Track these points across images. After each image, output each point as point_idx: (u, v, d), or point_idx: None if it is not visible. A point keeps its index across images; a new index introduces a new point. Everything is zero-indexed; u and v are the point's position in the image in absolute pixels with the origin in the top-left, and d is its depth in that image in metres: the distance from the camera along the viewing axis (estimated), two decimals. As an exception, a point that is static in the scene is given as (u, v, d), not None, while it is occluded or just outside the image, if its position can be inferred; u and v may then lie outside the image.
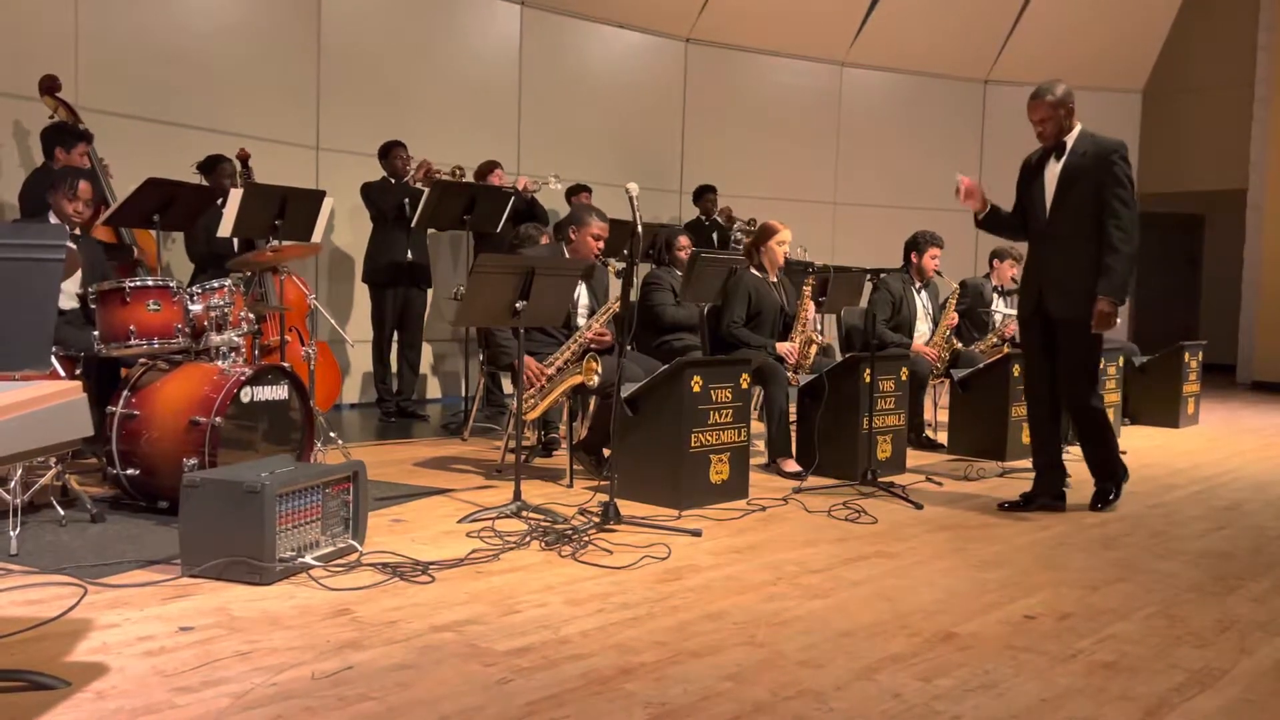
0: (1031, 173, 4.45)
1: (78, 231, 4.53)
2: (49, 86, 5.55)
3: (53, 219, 4.48)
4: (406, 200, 6.50)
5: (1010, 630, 2.84)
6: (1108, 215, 4.20)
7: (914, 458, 5.59)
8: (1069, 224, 4.28)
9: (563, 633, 2.72)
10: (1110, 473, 4.49)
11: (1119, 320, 4.24)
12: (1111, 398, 6.74)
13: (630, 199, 3.95)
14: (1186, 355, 7.42)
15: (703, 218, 8.67)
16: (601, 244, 4.93)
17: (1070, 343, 4.32)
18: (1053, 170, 4.33)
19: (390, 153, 6.72)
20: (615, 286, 5.49)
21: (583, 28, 8.92)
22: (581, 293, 5.04)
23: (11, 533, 3.29)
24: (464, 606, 2.91)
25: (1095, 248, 4.21)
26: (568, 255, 4.91)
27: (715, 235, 8.58)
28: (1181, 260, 13.49)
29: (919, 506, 4.43)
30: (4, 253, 2.08)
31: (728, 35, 9.73)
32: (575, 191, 7.81)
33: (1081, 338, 4.27)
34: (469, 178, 7.00)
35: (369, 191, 6.62)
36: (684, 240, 6.09)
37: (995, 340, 6.56)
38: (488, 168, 7.22)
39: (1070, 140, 4.31)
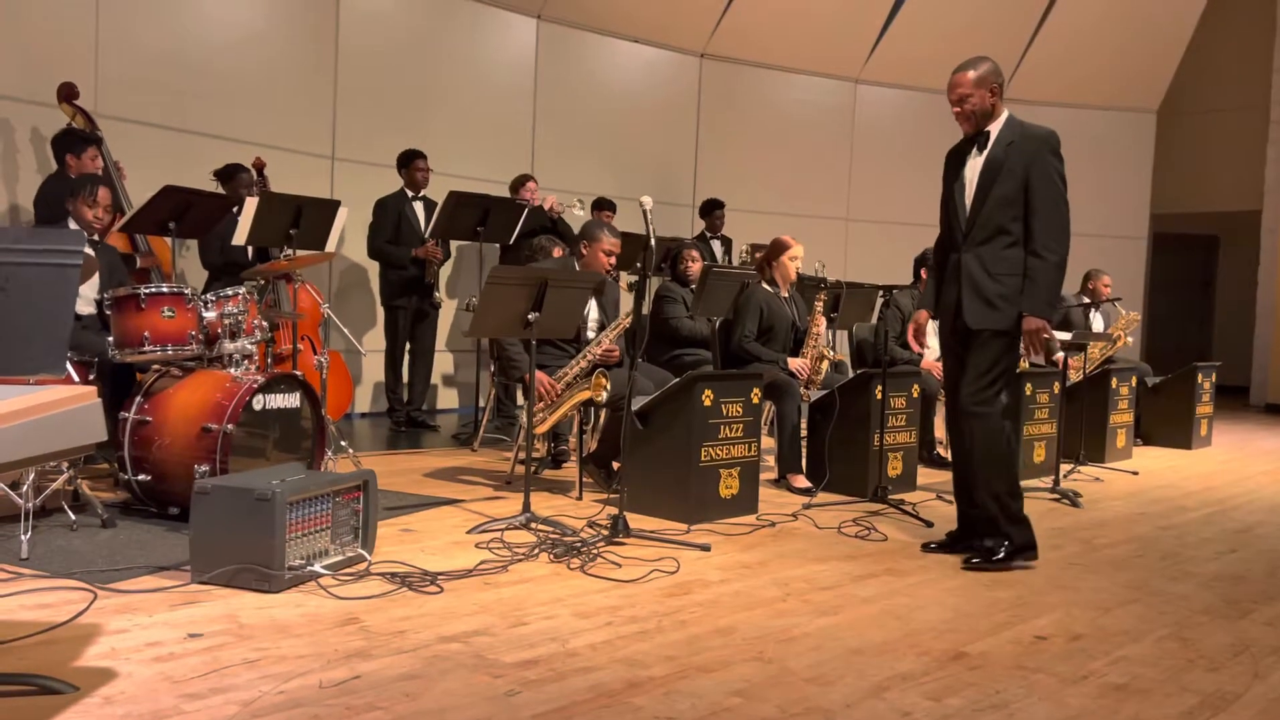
0: (952, 167, 3.89)
1: (96, 237, 4.56)
2: (67, 94, 5.60)
3: (71, 225, 4.52)
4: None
5: (1021, 650, 2.82)
6: (1034, 217, 3.60)
7: (924, 475, 5.57)
8: (989, 227, 3.66)
9: (571, 645, 2.71)
10: (997, 528, 3.69)
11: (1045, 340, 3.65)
12: (1124, 418, 6.71)
13: (644, 212, 3.96)
14: (1200, 376, 7.38)
15: (707, 233, 8.68)
16: (613, 260, 4.94)
17: (980, 347, 3.67)
18: (974, 164, 3.74)
19: (410, 163, 6.76)
20: (626, 301, 5.50)
21: (598, 42, 8.96)
22: (591, 307, 5.05)
23: (23, 536, 3.30)
24: (472, 617, 2.91)
25: (1020, 253, 3.63)
26: (578, 269, 4.92)
27: (723, 254, 8.58)
28: (1196, 281, 13.45)
29: (929, 524, 4.40)
30: (23, 258, 2.09)
31: (742, 51, 9.76)
32: (599, 207, 7.85)
33: (993, 343, 3.65)
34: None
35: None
36: (693, 253, 6.11)
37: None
38: (520, 181, 7.26)
39: (994, 129, 3.69)
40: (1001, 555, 3.69)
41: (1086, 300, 7.26)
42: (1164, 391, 7.46)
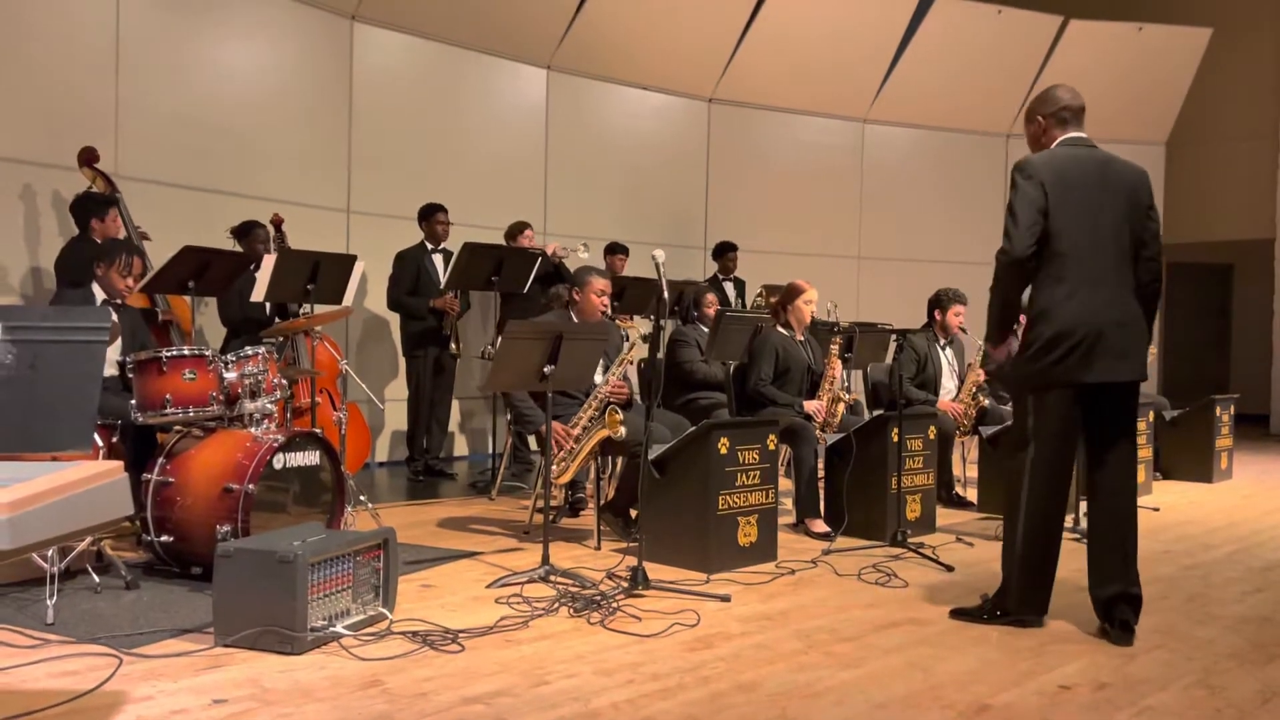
0: None
1: (119, 301, 4.62)
2: (88, 158, 5.70)
3: (96, 291, 4.58)
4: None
5: (1046, 702, 2.80)
6: None
7: (944, 516, 5.55)
8: None
9: (593, 705, 2.71)
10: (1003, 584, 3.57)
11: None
12: (1143, 453, 6.67)
13: (656, 265, 4.00)
14: (1218, 409, 7.34)
15: (719, 275, 8.72)
16: (605, 299, 4.97)
17: None
18: None
19: (431, 216, 6.86)
20: (631, 335, 5.52)
21: (607, 90, 9.08)
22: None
23: (49, 601, 3.33)
24: (494, 677, 2.91)
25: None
26: (574, 317, 4.94)
27: (735, 295, 8.61)
28: (1212, 310, 13.40)
29: (950, 569, 4.38)
30: (51, 335, 2.14)
31: (750, 95, 9.86)
32: (612, 251, 7.91)
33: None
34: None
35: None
36: (712, 298, 6.16)
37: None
38: (518, 228, 7.33)
39: None
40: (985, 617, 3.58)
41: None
42: (1182, 425, 7.42)
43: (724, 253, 8.76)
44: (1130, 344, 3.43)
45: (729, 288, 8.63)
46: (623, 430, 4.41)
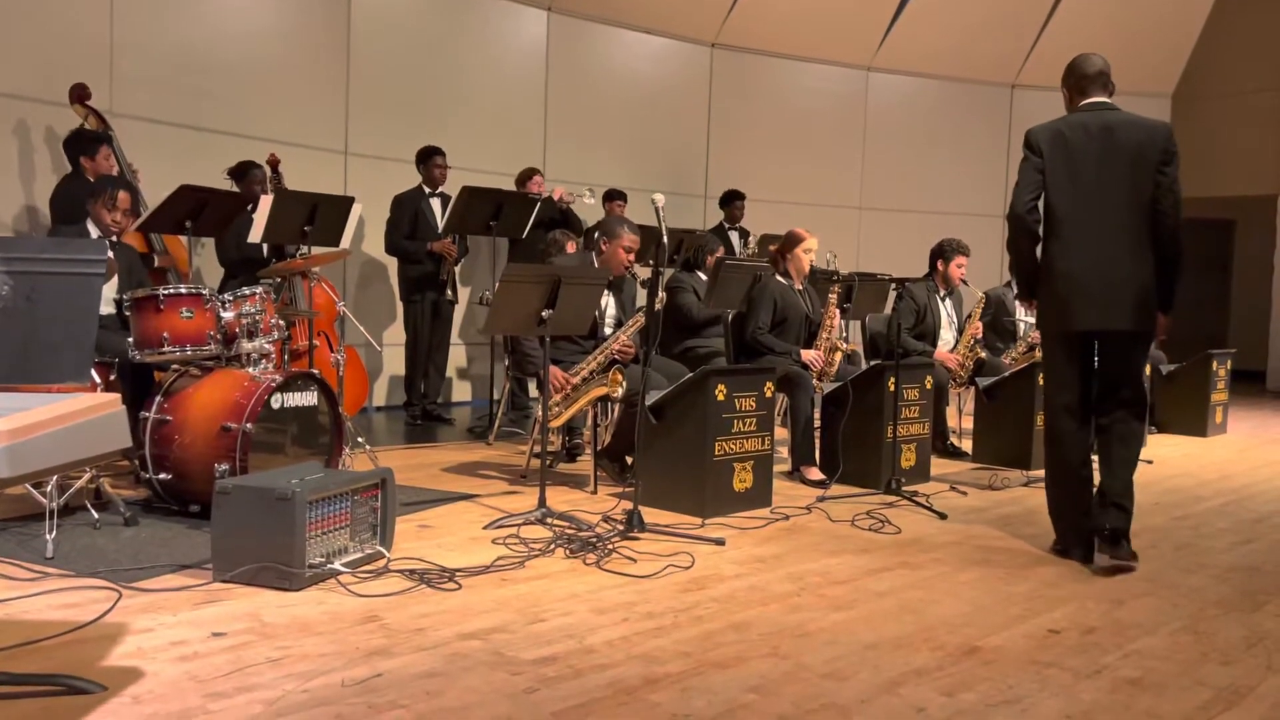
0: None
1: (114, 238, 4.60)
2: (79, 95, 5.64)
3: (91, 228, 4.56)
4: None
5: (1035, 645, 2.84)
6: None
7: (938, 466, 5.58)
8: None
9: (588, 642, 2.74)
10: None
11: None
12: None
13: (656, 210, 3.98)
14: (1215, 364, 7.35)
15: (725, 224, 8.68)
16: (632, 256, 4.96)
17: None
18: None
19: (429, 159, 6.79)
20: (643, 297, 5.52)
21: (608, 33, 8.96)
22: (609, 303, 5.07)
23: (48, 536, 3.36)
24: (490, 614, 2.94)
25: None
26: (596, 265, 4.93)
27: (741, 245, 8.57)
28: (1212, 266, 13.37)
29: (943, 516, 4.42)
30: (47, 268, 2.13)
31: (753, 40, 9.74)
32: (610, 198, 7.85)
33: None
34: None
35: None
36: (720, 249, 6.13)
37: (1025, 348, 6.52)
38: (527, 174, 7.28)
39: None
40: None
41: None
42: (1178, 379, 7.44)
43: (731, 201, 8.70)
44: (1124, 296, 3.62)
45: (734, 237, 8.59)
46: (621, 391, 4.41)
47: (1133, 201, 3.63)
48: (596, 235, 5.11)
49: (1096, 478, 3.74)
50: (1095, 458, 3.76)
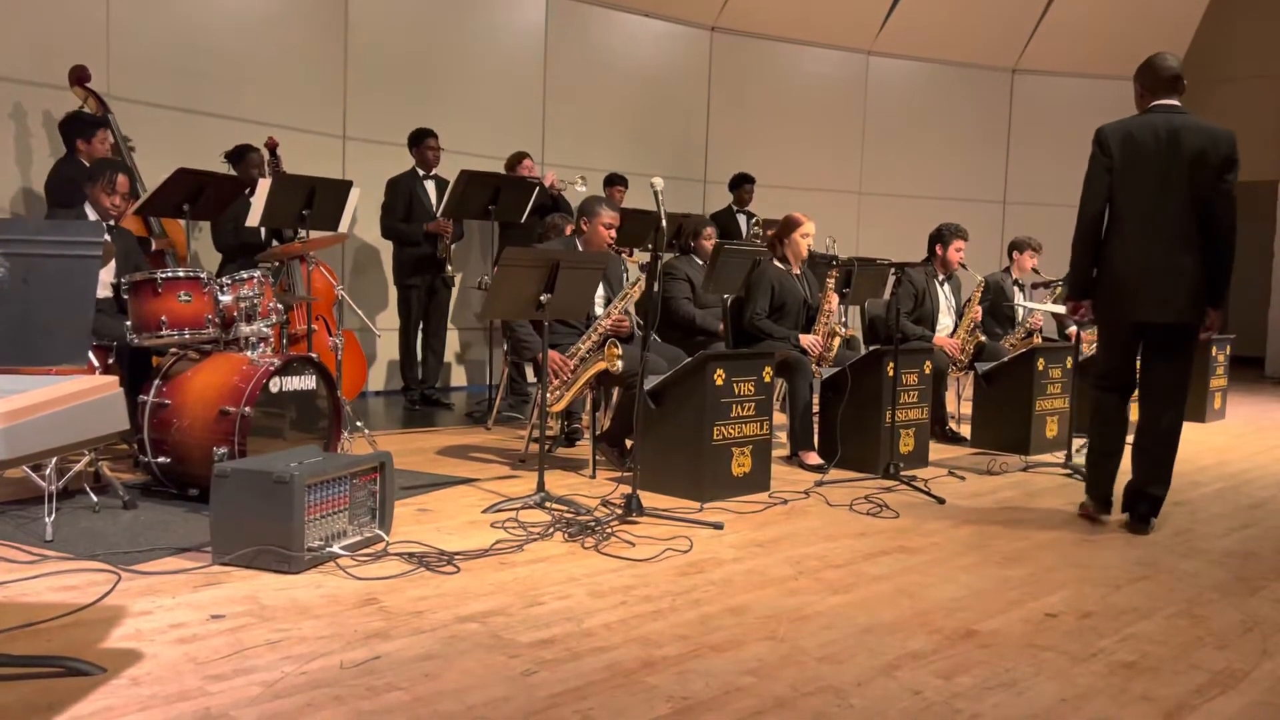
0: None
1: (112, 222, 4.59)
2: (79, 77, 5.61)
3: (89, 211, 4.55)
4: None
5: (1031, 628, 2.85)
6: None
7: (937, 451, 5.59)
8: None
9: (586, 625, 2.75)
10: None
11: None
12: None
13: (655, 194, 3.97)
14: (1214, 349, 7.36)
15: (734, 206, 8.64)
16: (613, 233, 4.95)
17: None
18: None
19: (422, 141, 6.76)
20: (631, 271, 5.50)
21: (608, 16, 8.92)
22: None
23: (47, 519, 3.36)
24: (488, 597, 2.95)
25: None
26: (580, 247, 4.92)
27: (748, 229, 8.54)
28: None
29: (941, 501, 4.43)
30: (44, 250, 2.12)
31: (753, 24, 9.69)
32: (611, 183, 7.82)
33: None
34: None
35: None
36: (710, 230, 6.10)
37: (1024, 334, 6.52)
38: (517, 158, 7.25)
39: None
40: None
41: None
42: (1177, 365, 7.43)
43: (740, 184, 8.66)
44: (1174, 291, 3.89)
45: (742, 220, 8.56)
46: (620, 365, 4.41)
47: (1190, 203, 3.88)
48: (579, 218, 5.10)
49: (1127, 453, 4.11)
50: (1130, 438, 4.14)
